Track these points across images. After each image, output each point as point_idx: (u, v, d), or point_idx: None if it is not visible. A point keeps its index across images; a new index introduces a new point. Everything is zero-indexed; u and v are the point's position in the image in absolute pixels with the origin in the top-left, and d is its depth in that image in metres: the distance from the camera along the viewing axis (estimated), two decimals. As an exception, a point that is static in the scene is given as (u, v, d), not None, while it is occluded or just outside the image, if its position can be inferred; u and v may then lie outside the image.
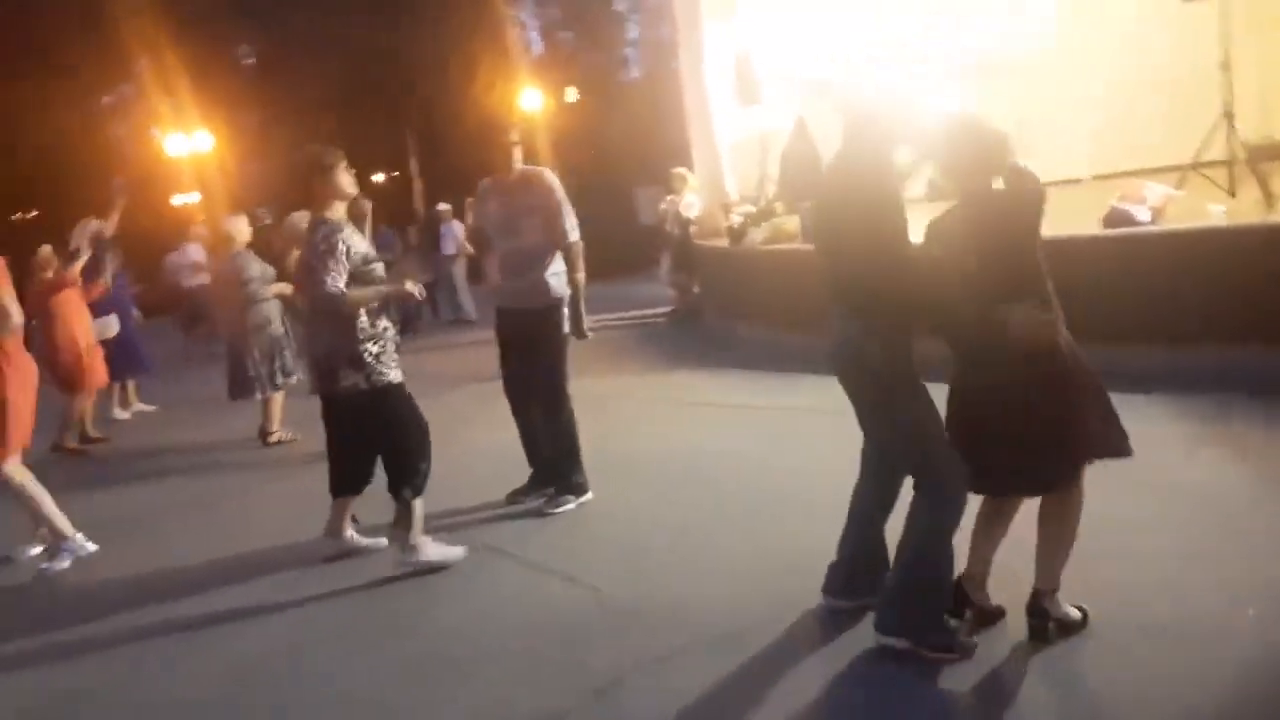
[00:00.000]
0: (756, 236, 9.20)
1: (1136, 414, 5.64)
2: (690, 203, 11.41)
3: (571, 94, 23.08)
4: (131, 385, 9.97)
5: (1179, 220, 6.63)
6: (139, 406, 9.98)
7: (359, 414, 4.49)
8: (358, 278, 4.34)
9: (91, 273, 8.50)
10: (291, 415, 7.64)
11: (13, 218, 32.91)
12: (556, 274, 5.14)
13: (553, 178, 5.18)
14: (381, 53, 26.14)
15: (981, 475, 3.24)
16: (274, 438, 7.68)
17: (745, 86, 10.97)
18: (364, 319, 4.36)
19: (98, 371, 8.39)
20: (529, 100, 22.96)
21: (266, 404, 7.67)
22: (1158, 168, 7.56)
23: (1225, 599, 3.38)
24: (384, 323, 4.48)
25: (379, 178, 28.98)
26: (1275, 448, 4.87)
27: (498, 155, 5.13)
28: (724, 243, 10.11)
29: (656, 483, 5.53)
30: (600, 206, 19.35)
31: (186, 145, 24.34)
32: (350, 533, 4.83)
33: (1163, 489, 4.41)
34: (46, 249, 8.40)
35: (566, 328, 5.19)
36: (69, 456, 8.20)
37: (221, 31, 32.02)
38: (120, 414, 9.70)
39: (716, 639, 3.58)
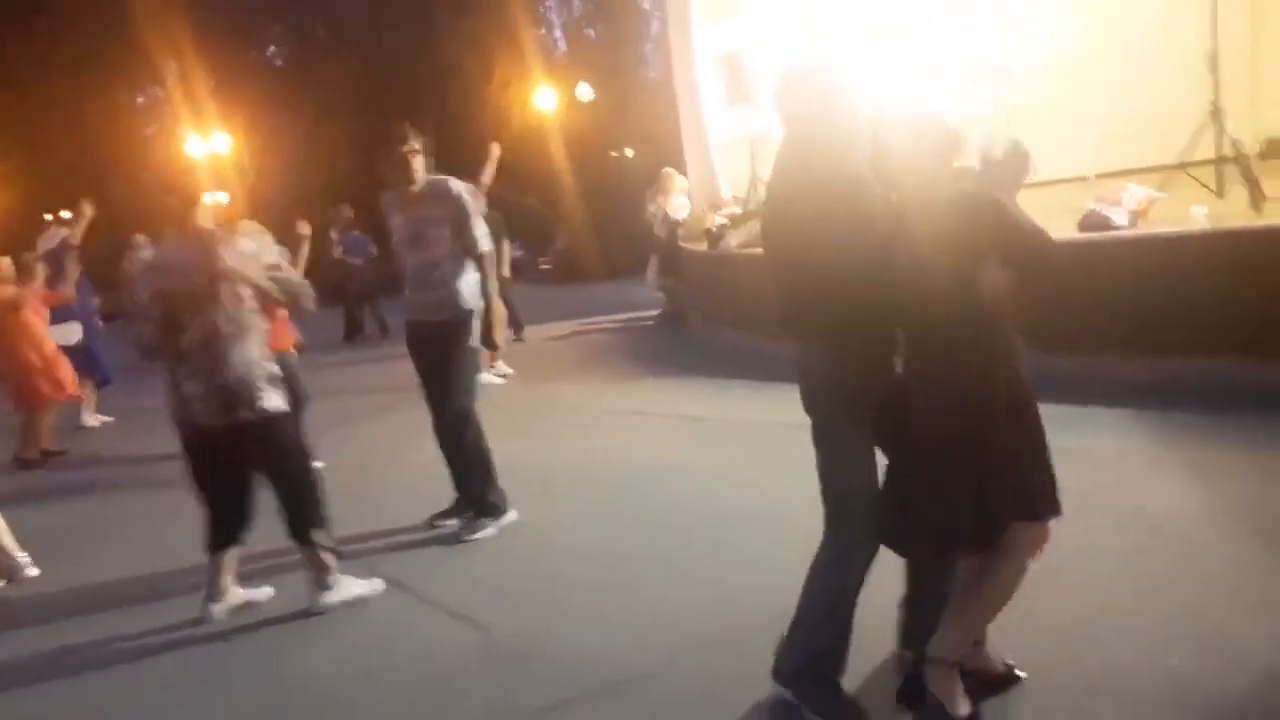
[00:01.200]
0: (733, 240, 8.90)
1: (1103, 428, 5.46)
2: (680, 204, 11.12)
3: (585, 91, 22.71)
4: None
5: (1160, 224, 6.28)
6: (96, 417, 9.83)
7: (266, 444, 4.10)
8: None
9: (55, 281, 8.42)
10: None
11: (45, 217, 33.52)
12: (466, 286, 4.92)
13: (460, 186, 4.94)
14: (399, 52, 26.13)
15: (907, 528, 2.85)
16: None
17: (735, 86, 10.67)
18: (262, 340, 4.13)
19: (60, 384, 8.27)
20: (544, 99, 22.74)
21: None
22: (1155, 166, 7.16)
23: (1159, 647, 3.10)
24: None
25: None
26: (1243, 469, 4.54)
27: (393, 168, 4.88)
28: (703, 246, 9.83)
29: (594, 505, 5.28)
30: (613, 206, 19.22)
31: (204, 147, 24.44)
32: (235, 589, 4.34)
33: (1120, 514, 4.16)
34: (4, 261, 8.29)
35: (476, 340, 4.97)
36: (27, 468, 8.09)
37: (246, 32, 32.35)
38: (90, 421, 9.60)
39: (607, 687, 3.33)
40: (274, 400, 4.10)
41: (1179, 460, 4.76)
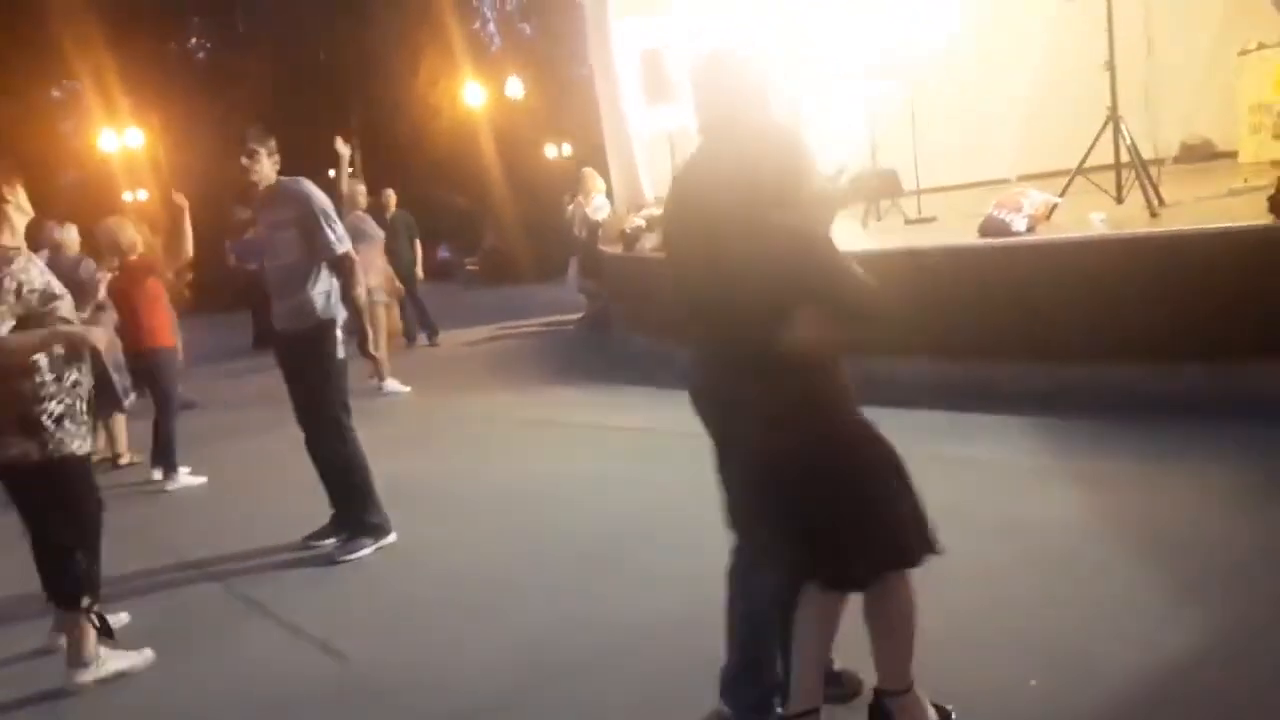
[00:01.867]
0: (648, 242, 8.76)
1: (997, 437, 5.41)
2: (599, 204, 10.95)
3: (515, 87, 22.42)
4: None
5: (1060, 230, 6.26)
6: None
7: (25, 492, 3.59)
8: (35, 319, 3.47)
9: None
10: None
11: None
12: (324, 292, 4.65)
13: (308, 187, 4.64)
14: (322, 47, 25.61)
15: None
16: (125, 460, 7.22)
17: (655, 83, 10.52)
18: (46, 371, 3.53)
19: None
20: (473, 95, 22.44)
21: (110, 426, 7.19)
22: (1060, 170, 7.15)
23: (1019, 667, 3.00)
24: (75, 375, 3.63)
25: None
26: (1131, 481, 4.51)
27: (241, 171, 4.64)
28: (620, 248, 9.68)
29: (483, 522, 5.09)
30: (544, 205, 18.98)
31: (117, 142, 23.71)
32: (101, 652, 3.72)
33: (997, 526, 4.10)
34: None
35: (341, 351, 4.70)
36: None
37: (165, 25, 31.44)
38: None
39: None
40: (19, 449, 3.50)
41: (1068, 471, 4.73)
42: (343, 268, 4.67)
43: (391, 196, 11.89)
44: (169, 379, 6.37)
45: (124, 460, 7.13)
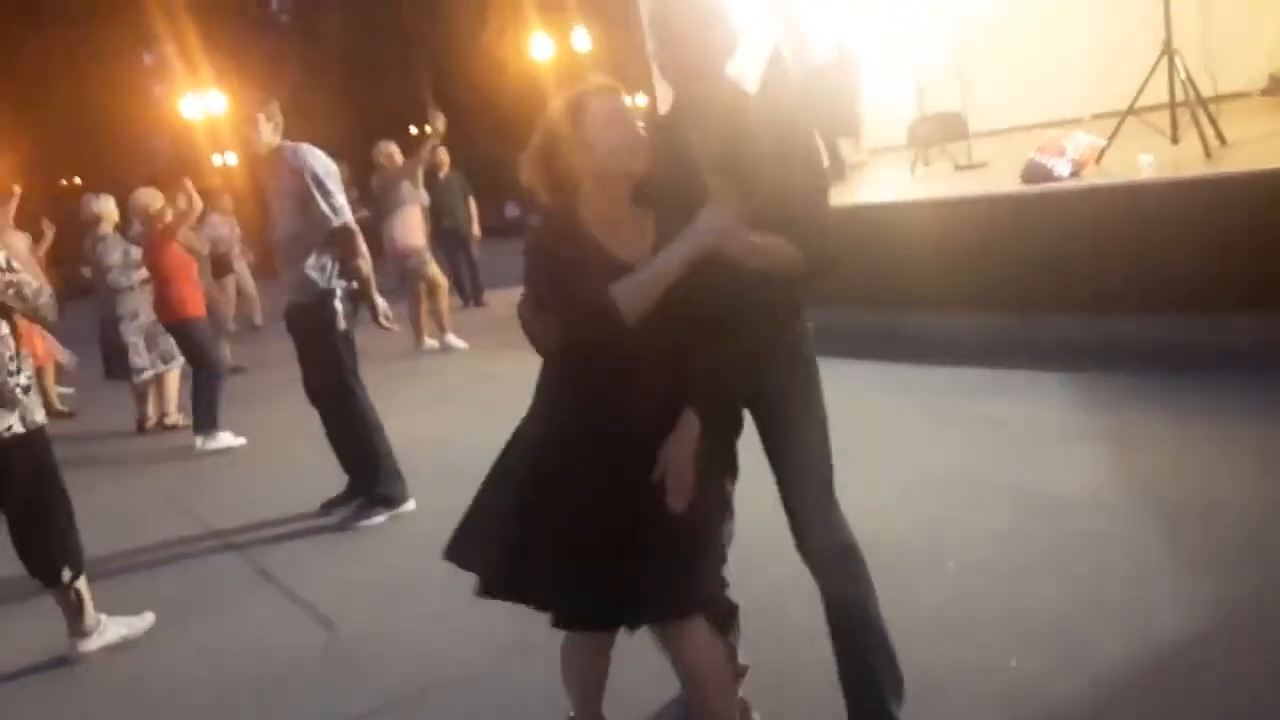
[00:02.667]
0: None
1: (1026, 394, 5.16)
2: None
3: (582, 39, 22.11)
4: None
5: (1108, 174, 5.91)
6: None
7: (8, 468, 3.58)
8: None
9: None
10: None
11: (61, 183, 33.55)
12: (323, 263, 4.57)
13: (306, 154, 4.52)
14: (393, 7, 25.69)
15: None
16: (171, 419, 7.42)
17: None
18: (10, 345, 3.58)
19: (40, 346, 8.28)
20: (539, 48, 22.21)
21: (161, 387, 7.40)
22: (1110, 112, 6.73)
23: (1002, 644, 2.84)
24: (21, 349, 3.65)
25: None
26: (1161, 439, 4.27)
27: (241, 131, 4.60)
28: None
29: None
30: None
31: (200, 107, 24.20)
32: (102, 619, 3.82)
33: (1010, 491, 3.95)
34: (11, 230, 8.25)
35: (343, 323, 4.63)
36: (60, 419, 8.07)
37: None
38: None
39: (419, 693, 3.18)
40: (4, 423, 3.53)
41: (1096, 429, 4.50)
42: (339, 240, 4.55)
43: (444, 155, 11.86)
44: (200, 348, 6.48)
45: (170, 421, 7.33)
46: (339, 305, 4.59)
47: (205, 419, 6.49)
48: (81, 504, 3.85)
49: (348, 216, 4.60)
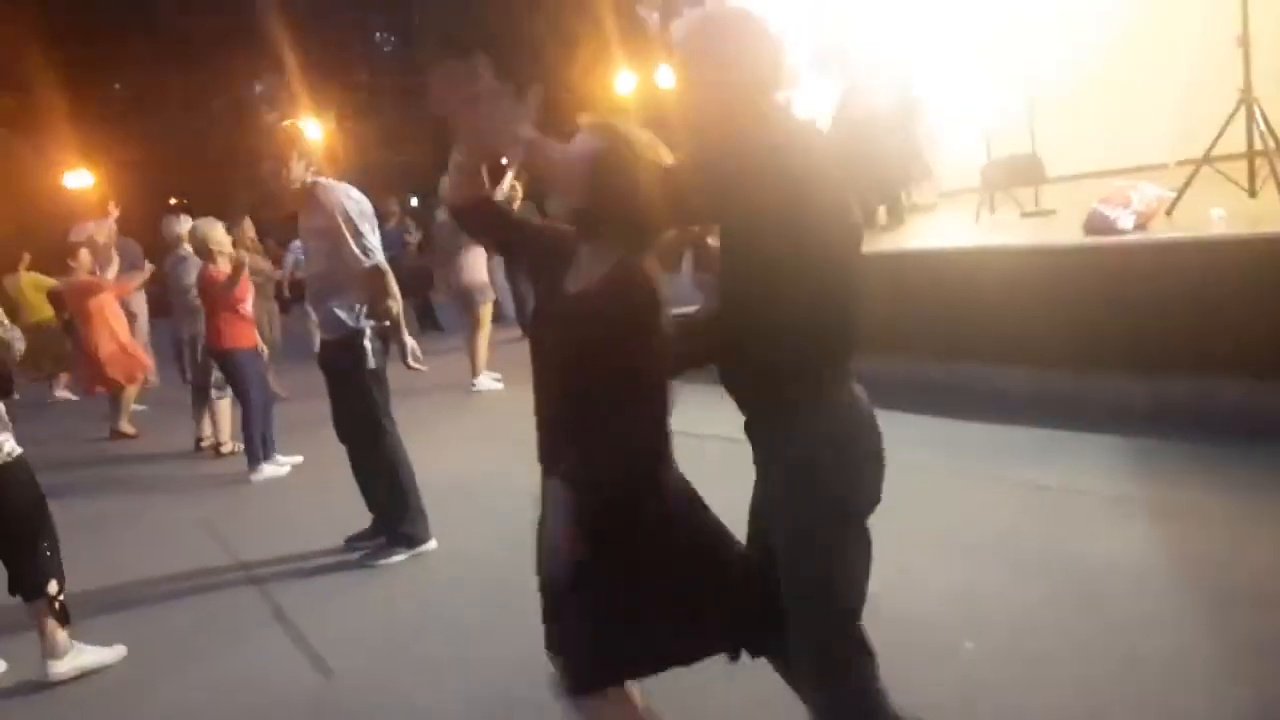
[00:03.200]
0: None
1: (1076, 458, 4.89)
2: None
3: (666, 75, 22.22)
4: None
5: (1177, 227, 5.62)
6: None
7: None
8: None
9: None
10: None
11: (170, 202, 35.00)
12: (348, 305, 4.55)
13: (341, 194, 4.52)
14: (489, 40, 26.20)
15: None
16: (226, 448, 7.55)
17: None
18: None
19: (130, 373, 8.60)
20: (624, 84, 22.38)
21: (215, 413, 7.54)
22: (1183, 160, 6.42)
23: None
24: None
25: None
26: (1216, 515, 3.99)
27: (266, 165, 4.60)
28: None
29: (529, 533, 4.97)
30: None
31: (315, 131, 25.07)
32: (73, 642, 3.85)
33: (1056, 566, 3.74)
34: (84, 253, 8.62)
35: (373, 361, 4.60)
36: (122, 441, 8.47)
37: (350, 21, 33.11)
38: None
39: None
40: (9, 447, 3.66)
41: (1147, 501, 4.24)
42: (370, 282, 4.52)
43: (518, 189, 11.95)
44: (246, 380, 6.57)
45: (225, 449, 7.45)
46: (369, 344, 4.56)
47: (250, 449, 6.58)
48: (119, 522, 3.90)
49: (379, 258, 4.59)
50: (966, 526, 4.22)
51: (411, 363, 4.74)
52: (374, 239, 4.59)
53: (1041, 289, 5.56)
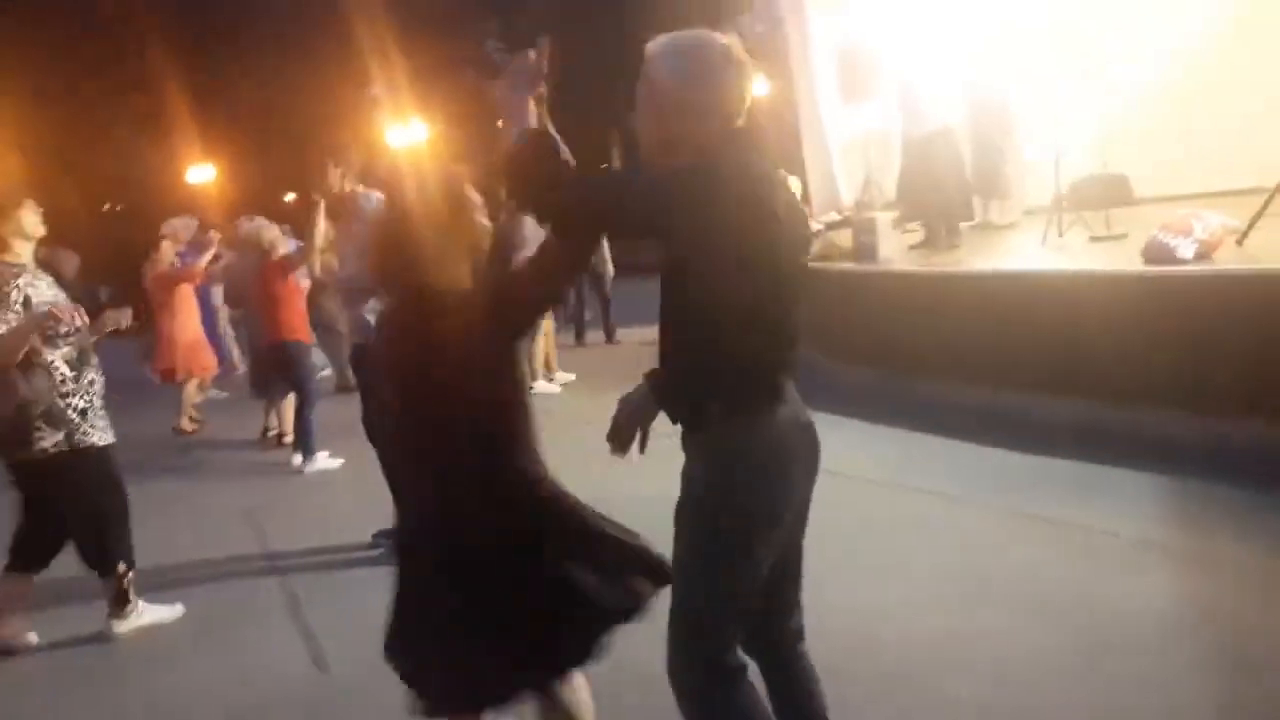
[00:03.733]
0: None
1: (1114, 497, 4.67)
2: (786, 209, 10.54)
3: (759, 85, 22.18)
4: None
5: (1248, 258, 5.33)
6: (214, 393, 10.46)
7: (53, 481, 3.94)
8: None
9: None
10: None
11: (285, 199, 36.35)
12: (375, 310, 4.70)
13: (375, 201, 4.68)
14: (590, 44, 26.49)
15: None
16: (289, 439, 7.80)
17: (850, 82, 10.03)
18: (63, 369, 3.87)
19: (207, 359, 8.95)
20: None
21: (280, 405, 7.79)
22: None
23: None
24: (90, 375, 3.98)
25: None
26: (1261, 569, 3.77)
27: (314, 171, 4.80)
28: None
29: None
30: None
31: (404, 136, 25.70)
32: (140, 604, 4.24)
33: (1068, 614, 3.56)
34: (167, 243, 9.02)
35: None
36: (183, 436, 8.71)
37: (460, 27, 33.88)
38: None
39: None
40: (51, 440, 3.87)
41: (1179, 549, 4.05)
42: None
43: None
44: (302, 370, 6.79)
45: (288, 439, 7.70)
46: None
47: (301, 441, 6.79)
48: (171, 504, 4.49)
49: None
50: (981, 564, 4.08)
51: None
52: None
53: (1094, 317, 5.35)
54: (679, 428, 2.17)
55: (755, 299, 2.03)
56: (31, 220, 3.92)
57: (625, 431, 2.07)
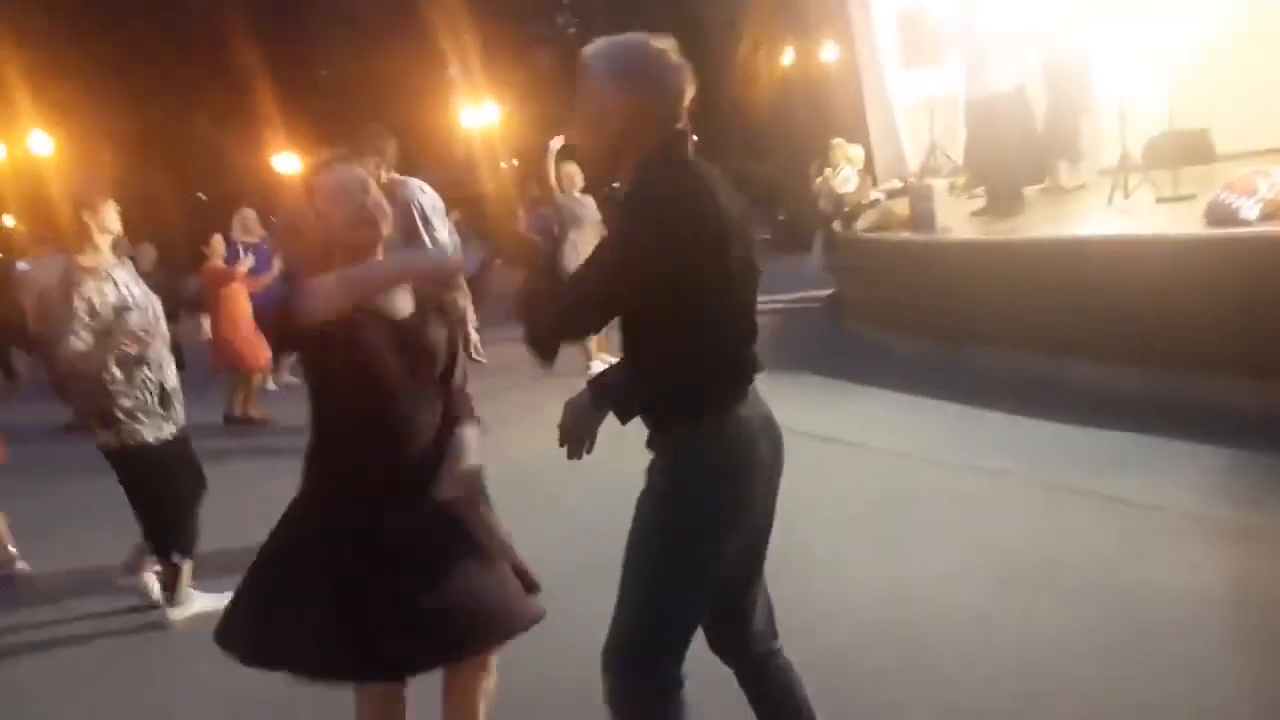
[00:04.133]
0: (862, 221, 8.17)
1: (1164, 469, 4.47)
2: (845, 177, 10.37)
3: (830, 51, 21.62)
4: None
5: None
6: (287, 379, 10.71)
7: (119, 471, 4.12)
8: (106, 329, 3.90)
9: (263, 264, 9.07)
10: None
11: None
12: None
13: (414, 189, 4.76)
14: (658, 21, 26.30)
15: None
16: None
17: (912, 46, 9.77)
18: (113, 370, 3.95)
19: (261, 352, 9.12)
20: (791, 59, 22.00)
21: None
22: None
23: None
24: (145, 372, 4.02)
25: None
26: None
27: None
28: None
29: (596, 522, 4.99)
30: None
31: (477, 118, 25.93)
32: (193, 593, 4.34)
33: (1111, 595, 3.45)
34: (217, 238, 9.21)
35: None
36: (243, 426, 8.74)
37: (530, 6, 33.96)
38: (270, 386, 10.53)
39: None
40: (102, 438, 4.04)
41: (1234, 525, 3.88)
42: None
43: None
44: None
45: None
46: None
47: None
48: (237, 490, 4.77)
49: (448, 251, 4.81)
50: (1020, 542, 3.97)
51: (474, 354, 4.91)
52: (444, 233, 4.79)
53: (1151, 283, 5.14)
54: None
55: (710, 301, 2.03)
56: (112, 215, 4.06)
57: (573, 439, 2.12)
